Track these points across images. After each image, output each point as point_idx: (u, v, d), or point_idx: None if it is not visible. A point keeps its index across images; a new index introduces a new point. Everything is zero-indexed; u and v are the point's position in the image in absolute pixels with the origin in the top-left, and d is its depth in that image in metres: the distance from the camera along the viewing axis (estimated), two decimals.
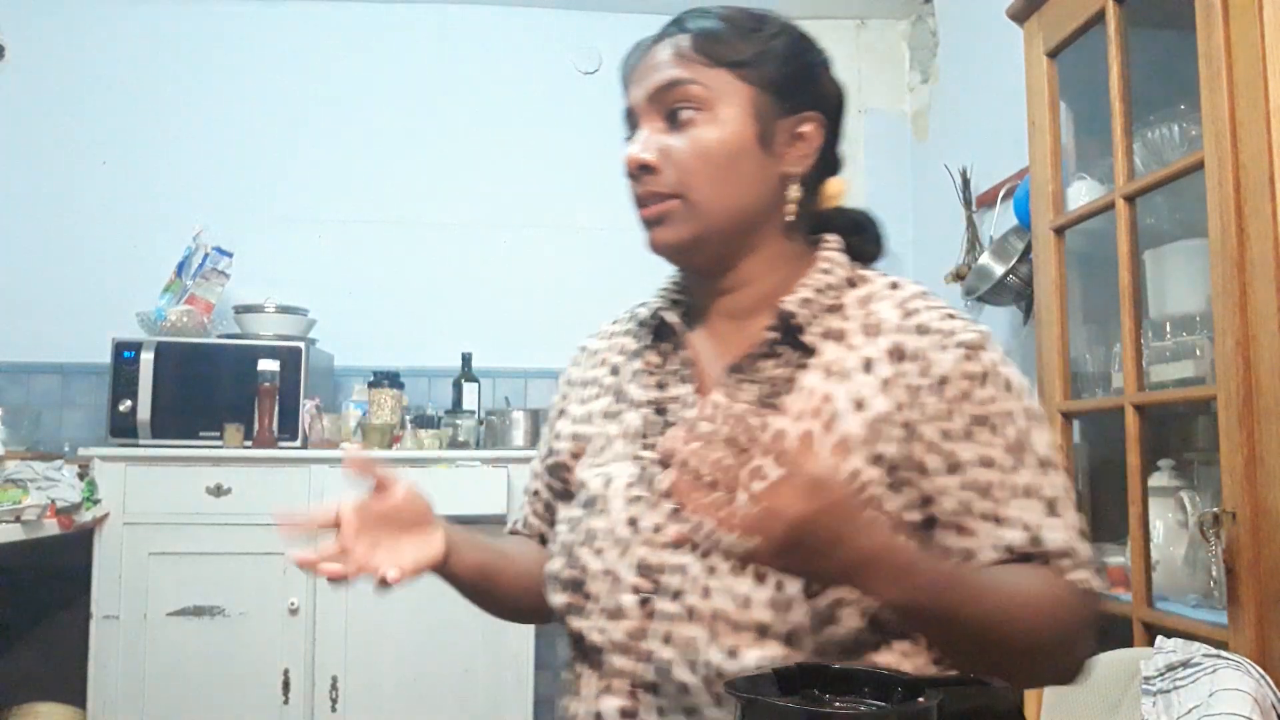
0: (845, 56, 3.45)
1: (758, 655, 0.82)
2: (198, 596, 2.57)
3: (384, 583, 0.88)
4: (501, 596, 1.05)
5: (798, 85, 0.96)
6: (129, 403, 2.69)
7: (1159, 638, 1.34)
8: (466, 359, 3.07)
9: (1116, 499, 1.63)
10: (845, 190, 1.02)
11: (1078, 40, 1.76)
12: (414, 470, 2.70)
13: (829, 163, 1.00)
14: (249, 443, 2.70)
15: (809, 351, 0.92)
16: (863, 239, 1.03)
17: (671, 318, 1.00)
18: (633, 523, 0.92)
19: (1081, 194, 1.80)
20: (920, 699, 0.62)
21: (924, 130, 3.30)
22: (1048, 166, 1.83)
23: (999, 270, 2.36)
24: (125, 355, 2.71)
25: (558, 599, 0.96)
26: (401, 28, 3.35)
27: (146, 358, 2.71)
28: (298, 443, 2.74)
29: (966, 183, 2.76)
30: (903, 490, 0.87)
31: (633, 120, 0.97)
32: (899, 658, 0.85)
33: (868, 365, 0.90)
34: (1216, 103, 1.36)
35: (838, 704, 0.65)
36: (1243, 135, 1.32)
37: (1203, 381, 1.49)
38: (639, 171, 0.94)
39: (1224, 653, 1.23)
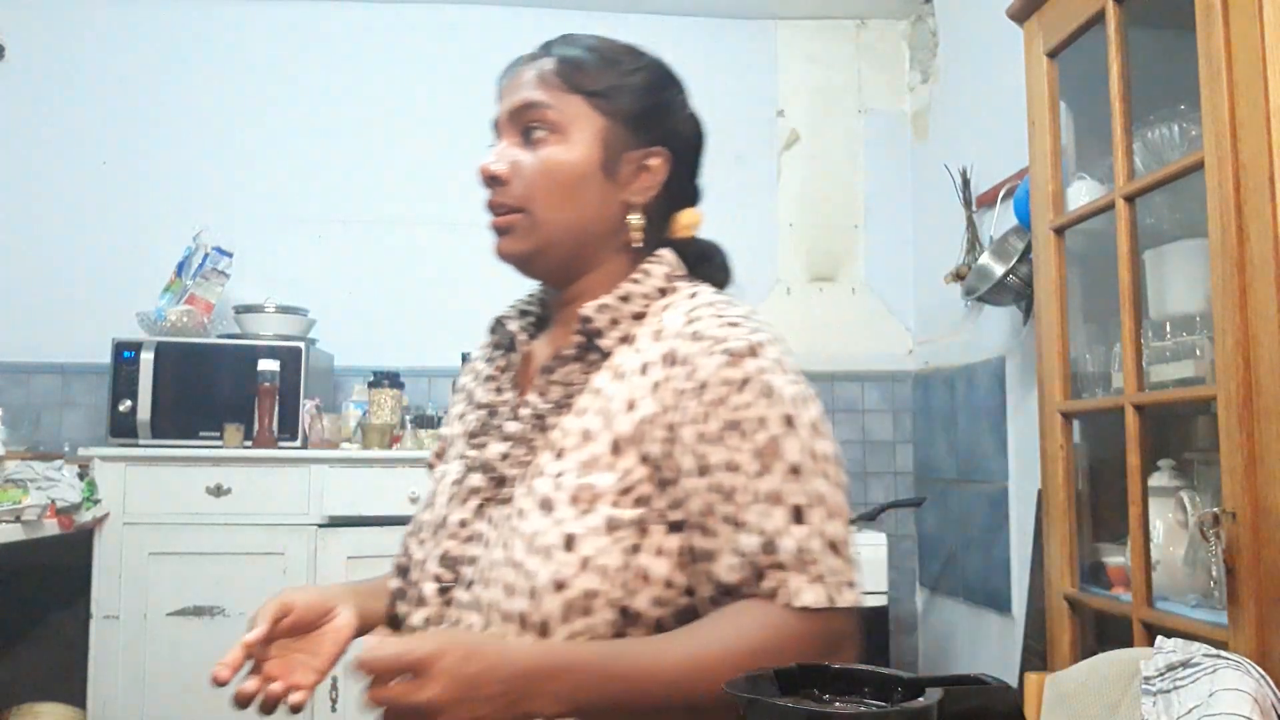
0: (845, 56, 3.47)
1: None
2: (198, 596, 2.57)
3: (296, 709, 0.92)
4: None
5: (649, 120, 1.01)
6: (129, 403, 2.69)
7: (1159, 638, 1.34)
8: (466, 359, 3.06)
9: (1116, 499, 1.63)
10: (699, 222, 1.08)
11: (1078, 40, 1.76)
12: (414, 470, 2.70)
13: (680, 195, 1.05)
14: (249, 443, 2.70)
15: (606, 354, 0.97)
16: (710, 267, 1.08)
17: (512, 326, 1.08)
18: (444, 517, 0.99)
19: (1081, 194, 1.80)
20: (920, 699, 0.62)
21: (924, 130, 3.30)
22: (1048, 166, 1.83)
23: (999, 270, 2.36)
24: (125, 355, 2.71)
25: (391, 584, 1.03)
26: (402, 28, 3.35)
27: (146, 358, 2.71)
28: (298, 443, 2.74)
29: (966, 183, 2.76)
30: (666, 489, 0.90)
31: (497, 132, 1.03)
32: None
33: (644, 368, 0.94)
34: (1216, 103, 1.36)
35: (838, 704, 0.66)
36: (1243, 135, 1.32)
37: (1203, 381, 1.50)
38: (490, 181, 1.00)
39: (1224, 653, 1.23)
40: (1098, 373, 1.80)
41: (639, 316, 0.99)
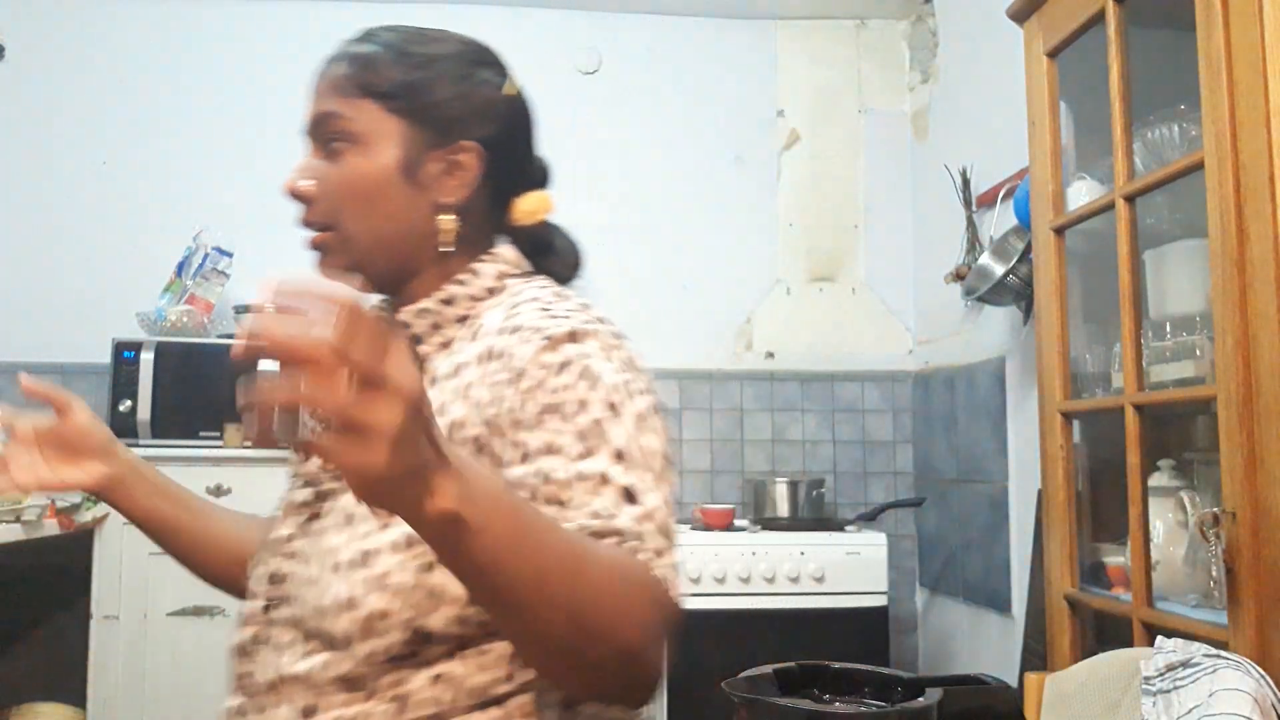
0: (845, 57, 3.47)
1: (320, 660, 0.84)
2: (198, 596, 2.57)
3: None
4: (185, 557, 1.16)
5: (451, 116, 0.95)
6: (129, 403, 2.69)
7: (1159, 638, 1.34)
8: None
9: (1116, 499, 1.63)
10: (546, 206, 1.02)
11: (1078, 40, 1.76)
12: None
13: (511, 182, 1.00)
14: (249, 443, 2.70)
15: (423, 361, 0.94)
16: (557, 261, 1.03)
17: None
18: (276, 533, 0.96)
19: (1081, 194, 1.80)
20: (920, 699, 0.62)
21: (924, 130, 3.30)
22: (1048, 166, 1.83)
23: (999, 270, 2.36)
24: (125, 355, 2.71)
25: (243, 607, 1.00)
26: None
27: (146, 358, 2.71)
28: None
29: (966, 183, 2.76)
30: None
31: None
32: (434, 679, 0.83)
33: (457, 370, 0.90)
34: (1216, 103, 1.36)
35: (838, 704, 0.66)
36: (1243, 135, 1.32)
37: (1203, 381, 1.50)
38: (297, 199, 0.97)
39: (1224, 653, 1.23)
40: (1098, 373, 1.80)
41: (463, 319, 0.94)
